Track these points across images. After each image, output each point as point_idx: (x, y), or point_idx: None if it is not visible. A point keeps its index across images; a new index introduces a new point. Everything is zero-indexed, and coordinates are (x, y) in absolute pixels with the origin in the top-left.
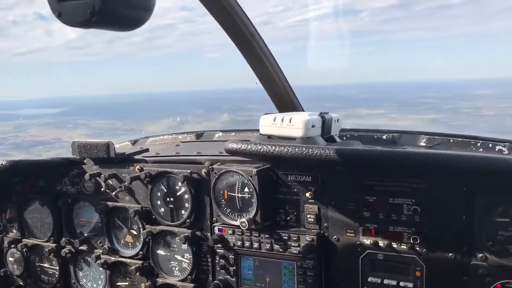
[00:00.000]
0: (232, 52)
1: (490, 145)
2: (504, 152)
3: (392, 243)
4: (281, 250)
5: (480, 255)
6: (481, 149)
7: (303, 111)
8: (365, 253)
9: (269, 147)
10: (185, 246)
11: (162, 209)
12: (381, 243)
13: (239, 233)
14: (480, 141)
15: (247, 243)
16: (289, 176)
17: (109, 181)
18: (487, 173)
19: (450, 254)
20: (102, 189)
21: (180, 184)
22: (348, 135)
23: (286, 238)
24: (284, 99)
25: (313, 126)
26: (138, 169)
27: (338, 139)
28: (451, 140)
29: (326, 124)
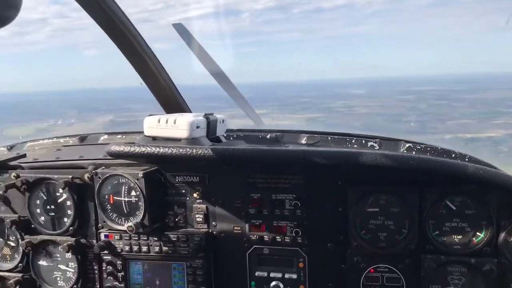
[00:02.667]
0: (112, 50)
1: (363, 141)
2: (376, 148)
3: (276, 237)
4: (170, 252)
5: (355, 243)
6: (355, 146)
7: (190, 112)
8: (252, 248)
9: (154, 148)
10: (69, 255)
11: (42, 218)
12: (266, 238)
13: (127, 238)
14: (355, 138)
15: (135, 248)
16: (177, 177)
17: None
18: (359, 166)
19: (329, 245)
20: None
21: (61, 190)
22: (234, 135)
23: (175, 239)
24: (170, 100)
25: (198, 127)
26: (14, 176)
27: (223, 139)
28: (329, 138)
29: (211, 125)
